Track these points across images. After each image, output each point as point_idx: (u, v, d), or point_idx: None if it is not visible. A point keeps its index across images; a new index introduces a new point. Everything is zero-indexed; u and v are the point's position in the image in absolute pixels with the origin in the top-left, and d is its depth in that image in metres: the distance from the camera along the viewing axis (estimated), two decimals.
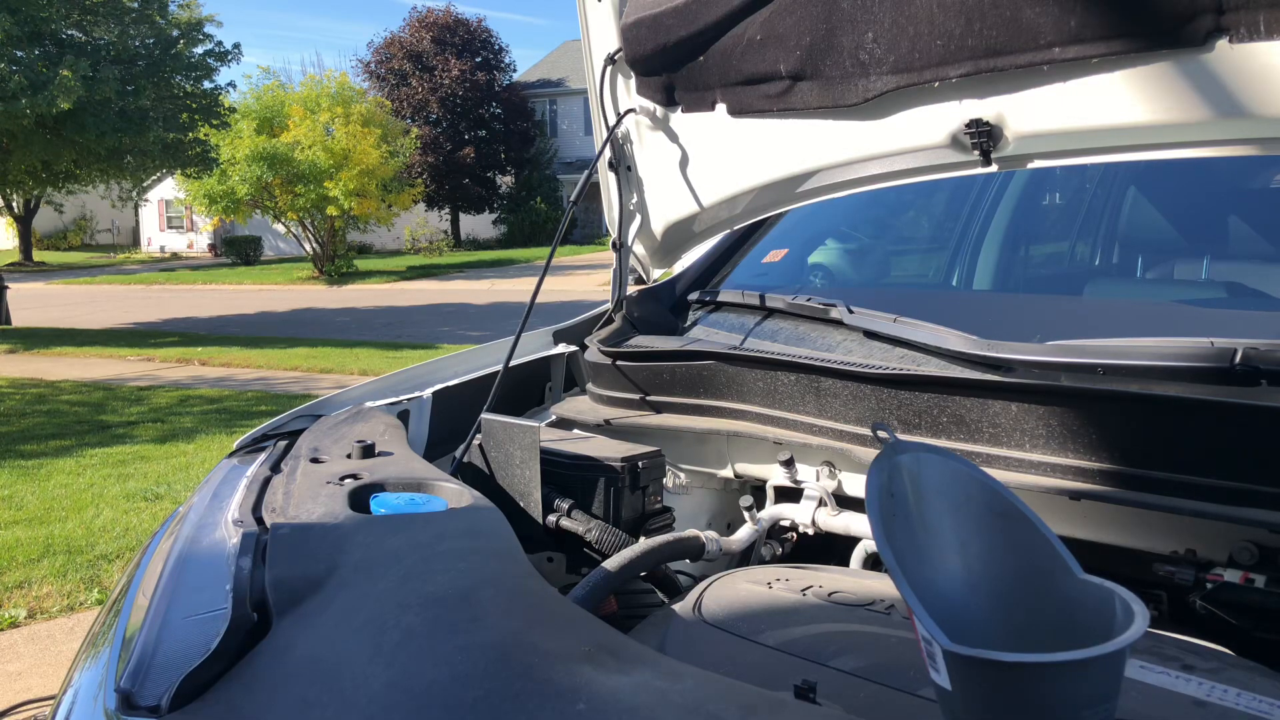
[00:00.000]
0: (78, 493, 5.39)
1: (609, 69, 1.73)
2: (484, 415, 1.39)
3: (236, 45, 15.42)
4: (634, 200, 1.83)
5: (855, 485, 1.39)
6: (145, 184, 19.64)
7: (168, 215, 36.65)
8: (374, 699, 0.72)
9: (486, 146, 32.23)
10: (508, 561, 0.92)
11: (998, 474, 0.98)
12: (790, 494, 1.47)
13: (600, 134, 1.78)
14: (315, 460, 1.27)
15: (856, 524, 1.34)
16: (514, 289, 18.76)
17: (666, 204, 1.77)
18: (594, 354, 1.73)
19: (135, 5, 13.76)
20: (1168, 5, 1.09)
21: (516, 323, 1.60)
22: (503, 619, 0.80)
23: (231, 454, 1.47)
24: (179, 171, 17.11)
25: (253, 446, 1.47)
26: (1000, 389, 1.19)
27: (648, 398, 1.62)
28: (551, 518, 1.30)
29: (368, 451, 1.27)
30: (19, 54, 11.96)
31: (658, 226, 1.82)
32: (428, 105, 31.20)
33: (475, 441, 1.39)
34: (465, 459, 1.40)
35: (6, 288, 14.36)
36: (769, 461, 1.48)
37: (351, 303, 17.75)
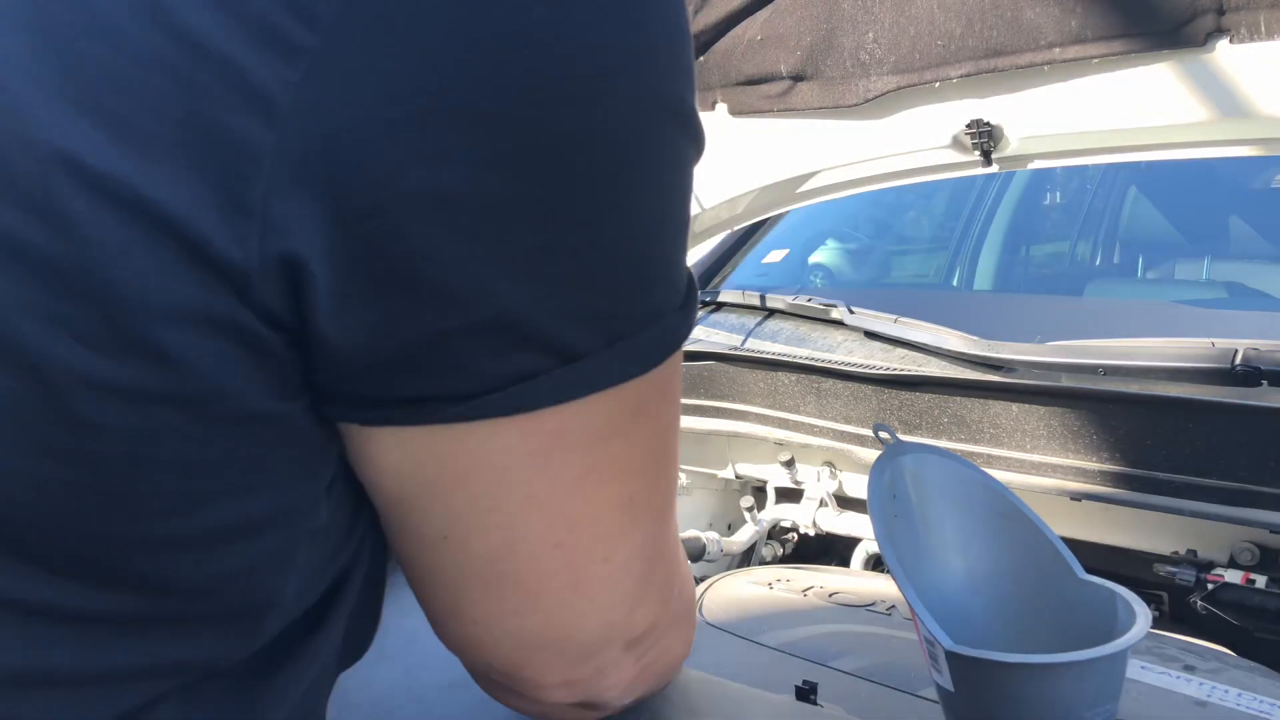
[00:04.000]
0: None
1: None
2: None
3: None
4: None
5: (856, 486, 1.39)
6: None
7: None
8: (376, 701, 0.72)
9: None
10: None
11: (999, 474, 0.98)
12: (791, 494, 1.47)
13: None
14: None
15: (858, 525, 1.34)
16: None
17: None
18: None
19: None
20: (1168, 6, 1.09)
21: None
22: None
23: None
24: None
25: None
26: (1001, 389, 1.19)
27: None
28: None
29: None
30: None
31: None
32: None
33: None
34: None
35: None
36: (769, 462, 1.48)
37: None
